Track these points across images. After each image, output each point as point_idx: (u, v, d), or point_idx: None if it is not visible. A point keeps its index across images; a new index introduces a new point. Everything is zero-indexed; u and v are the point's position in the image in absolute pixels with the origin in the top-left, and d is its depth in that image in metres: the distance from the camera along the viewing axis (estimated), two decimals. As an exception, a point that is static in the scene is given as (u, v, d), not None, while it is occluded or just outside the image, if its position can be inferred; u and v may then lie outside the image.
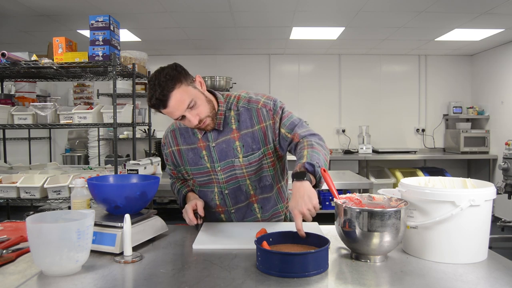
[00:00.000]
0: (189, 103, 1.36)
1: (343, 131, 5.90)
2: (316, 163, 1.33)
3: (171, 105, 1.34)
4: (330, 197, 4.81)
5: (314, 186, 1.34)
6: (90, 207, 1.47)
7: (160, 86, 1.32)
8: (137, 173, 3.25)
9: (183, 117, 1.39)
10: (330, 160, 5.28)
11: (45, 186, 2.87)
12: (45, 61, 2.90)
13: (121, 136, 5.41)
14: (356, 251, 1.18)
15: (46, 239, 1.05)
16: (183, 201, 1.64)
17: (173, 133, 1.62)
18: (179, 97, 1.34)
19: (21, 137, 5.25)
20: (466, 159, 5.81)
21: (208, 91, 1.53)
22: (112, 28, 2.89)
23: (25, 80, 3.90)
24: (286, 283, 1.01)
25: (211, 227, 1.52)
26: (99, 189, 1.33)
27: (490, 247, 1.22)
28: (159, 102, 1.34)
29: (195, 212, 1.49)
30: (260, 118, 1.50)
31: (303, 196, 1.25)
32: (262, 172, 1.56)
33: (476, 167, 5.79)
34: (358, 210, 1.14)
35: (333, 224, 1.27)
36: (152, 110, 1.71)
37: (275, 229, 1.34)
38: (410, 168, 5.51)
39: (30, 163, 4.24)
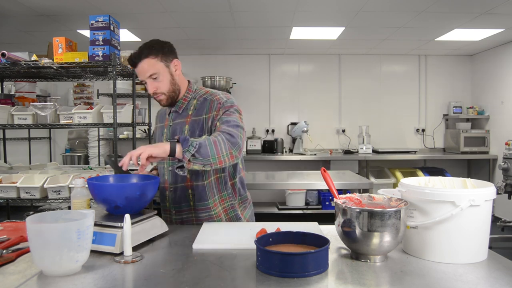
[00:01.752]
0: (151, 74, 1.58)
1: (343, 131, 5.90)
2: (192, 144, 1.38)
3: (138, 68, 1.59)
4: (330, 197, 4.81)
5: (179, 161, 1.40)
6: (90, 207, 1.47)
7: (140, 49, 1.58)
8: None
9: (146, 82, 1.61)
10: (330, 160, 5.17)
11: (45, 186, 2.86)
12: (45, 61, 2.90)
13: (121, 136, 5.41)
14: (356, 251, 1.18)
15: (46, 239, 1.05)
16: None
17: (157, 114, 1.87)
18: (145, 66, 1.57)
19: (21, 137, 5.25)
20: (466, 159, 5.81)
21: (188, 80, 1.75)
22: (112, 28, 2.89)
23: (25, 80, 3.90)
24: (286, 283, 1.01)
25: (211, 227, 1.52)
26: (99, 189, 1.33)
27: (490, 247, 1.22)
28: (131, 60, 1.59)
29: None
30: (211, 108, 1.63)
31: (151, 145, 1.41)
32: None
33: (476, 167, 5.79)
34: (358, 210, 1.14)
35: (333, 224, 1.27)
36: (152, 110, 1.81)
37: (275, 229, 1.34)
38: (410, 168, 5.51)
39: (30, 163, 4.24)
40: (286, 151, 5.65)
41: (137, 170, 1.56)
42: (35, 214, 1.14)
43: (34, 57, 2.99)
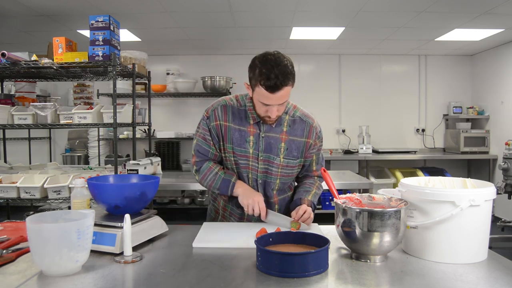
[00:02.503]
0: (285, 100, 1.51)
1: (343, 131, 5.90)
2: (313, 205, 1.65)
3: (278, 94, 1.45)
4: (330, 197, 4.81)
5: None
6: (90, 207, 1.47)
7: (283, 75, 1.43)
8: (137, 173, 3.25)
9: (268, 105, 1.49)
10: (330, 160, 5.21)
11: (45, 186, 2.86)
12: (45, 61, 2.90)
13: (121, 136, 5.41)
14: (356, 251, 1.18)
15: (46, 239, 1.05)
16: (231, 188, 1.61)
17: (224, 108, 1.64)
18: (285, 93, 1.47)
19: (21, 137, 5.24)
20: (466, 159, 5.81)
21: None
22: (112, 28, 2.89)
23: (25, 80, 3.90)
24: (286, 283, 1.01)
25: (211, 227, 1.52)
26: (99, 189, 1.33)
27: (490, 247, 1.22)
28: (274, 86, 1.42)
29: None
30: (310, 134, 1.66)
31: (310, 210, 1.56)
32: (290, 178, 1.70)
33: (476, 167, 5.79)
34: (358, 210, 1.14)
35: (333, 224, 1.27)
36: (152, 110, 1.77)
37: (275, 229, 1.34)
38: (410, 168, 5.51)
39: (30, 163, 4.24)
40: (286, 151, 5.64)
41: (137, 170, 1.56)
42: (35, 214, 1.14)
43: (34, 57, 2.99)
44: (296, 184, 1.81)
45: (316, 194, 1.68)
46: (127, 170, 3.31)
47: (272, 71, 1.41)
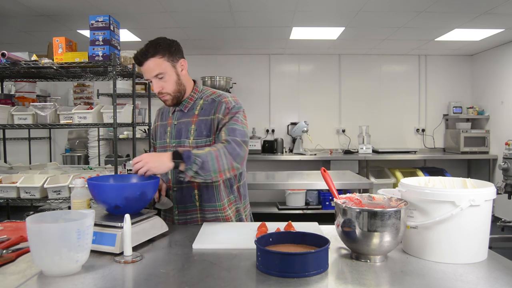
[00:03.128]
0: (157, 74, 1.56)
1: (343, 131, 5.90)
2: (195, 162, 1.43)
3: (144, 67, 1.57)
4: (330, 197, 4.81)
5: (181, 171, 1.44)
6: (90, 207, 1.47)
7: (146, 47, 1.55)
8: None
9: (151, 81, 1.59)
10: (330, 160, 5.18)
11: (45, 186, 2.86)
12: (45, 61, 2.90)
13: (121, 136, 5.41)
14: (356, 251, 1.18)
15: (46, 239, 1.05)
16: None
17: (158, 111, 1.84)
18: (151, 65, 1.55)
19: (21, 137, 5.24)
20: (466, 159, 5.81)
21: (193, 80, 1.73)
22: (112, 28, 2.89)
23: (25, 80, 3.90)
24: (286, 283, 1.01)
25: (211, 227, 1.52)
26: (99, 189, 1.33)
27: (490, 247, 1.22)
28: (137, 59, 1.57)
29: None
30: (218, 109, 1.62)
31: (154, 155, 1.46)
32: None
33: (476, 167, 5.79)
34: (358, 210, 1.14)
35: (333, 224, 1.27)
36: (152, 110, 1.81)
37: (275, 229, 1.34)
38: (410, 168, 5.51)
39: (30, 163, 4.24)
40: (286, 151, 5.65)
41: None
42: (35, 214, 1.14)
43: (34, 57, 2.99)
44: None
45: (209, 151, 1.47)
46: (127, 170, 3.31)
47: (143, 47, 1.56)
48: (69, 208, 1.64)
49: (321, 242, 1.15)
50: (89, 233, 1.11)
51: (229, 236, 1.40)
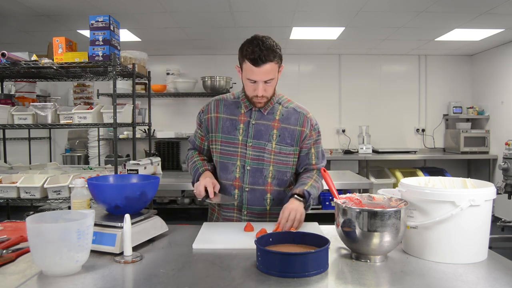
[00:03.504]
0: (269, 78, 1.55)
1: (343, 131, 5.90)
2: (311, 197, 1.60)
3: (261, 69, 1.51)
4: (330, 197, 4.81)
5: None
6: (90, 207, 1.47)
7: (267, 50, 1.50)
8: (137, 173, 3.25)
9: (255, 82, 1.55)
10: (330, 160, 5.21)
11: (45, 186, 2.86)
12: (45, 61, 2.90)
13: (121, 136, 5.41)
14: (356, 251, 1.18)
15: (46, 239, 1.05)
16: (198, 178, 1.66)
17: (217, 102, 1.73)
18: (269, 69, 1.52)
19: (21, 137, 5.24)
20: (466, 159, 5.81)
21: None
22: (112, 28, 2.89)
23: (25, 80, 3.90)
24: (286, 283, 1.01)
25: (211, 227, 1.52)
26: (99, 189, 1.33)
27: (490, 247, 1.22)
28: (258, 59, 1.49)
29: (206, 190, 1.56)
30: (304, 123, 1.67)
31: (295, 208, 1.51)
32: (286, 166, 1.67)
33: (476, 167, 5.79)
34: (358, 210, 1.14)
35: (333, 224, 1.27)
36: (152, 110, 1.78)
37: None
38: (410, 168, 5.50)
39: (30, 163, 4.24)
40: (286, 151, 5.63)
41: (137, 170, 1.56)
42: (35, 214, 1.14)
43: (34, 57, 2.99)
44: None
45: (313, 186, 1.63)
46: (127, 170, 3.31)
47: (257, 46, 1.50)
48: (69, 208, 1.64)
49: (321, 242, 1.15)
50: (89, 233, 1.11)
51: (229, 236, 1.40)
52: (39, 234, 1.06)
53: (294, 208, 1.49)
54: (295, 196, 1.56)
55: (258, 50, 1.49)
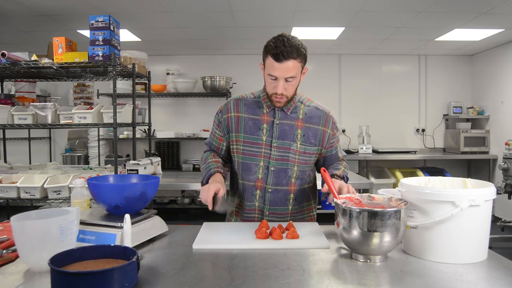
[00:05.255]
0: (291, 76, 1.51)
1: (343, 131, 5.90)
2: (347, 180, 1.66)
3: (283, 65, 1.48)
4: (330, 197, 4.80)
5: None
6: (90, 207, 1.47)
7: (291, 46, 1.47)
8: (137, 173, 3.25)
9: (276, 79, 1.52)
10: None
11: (45, 186, 2.86)
12: (45, 61, 2.90)
13: (121, 136, 5.41)
14: (356, 251, 1.18)
15: (29, 236, 1.06)
16: (208, 178, 1.62)
17: (236, 101, 1.70)
18: (291, 66, 1.49)
19: (21, 137, 5.24)
20: (466, 159, 5.81)
21: None
22: (112, 28, 2.89)
23: (25, 80, 3.89)
24: (286, 283, 1.01)
25: (211, 227, 1.52)
26: (99, 189, 1.33)
27: (490, 247, 1.22)
28: (280, 54, 1.47)
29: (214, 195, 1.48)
30: (327, 123, 1.68)
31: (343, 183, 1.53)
32: (309, 166, 1.68)
33: (476, 167, 5.79)
34: (358, 210, 1.14)
35: (333, 224, 1.27)
36: (152, 110, 1.77)
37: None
38: (410, 168, 5.51)
39: (30, 163, 4.24)
40: (286, 151, 5.64)
41: (137, 170, 1.56)
42: (20, 213, 1.13)
43: (34, 57, 2.99)
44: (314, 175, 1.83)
45: (345, 170, 1.68)
46: (127, 170, 3.31)
47: (282, 42, 1.48)
48: (69, 208, 1.64)
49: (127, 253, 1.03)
50: (73, 228, 1.12)
51: (229, 236, 1.40)
52: (23, 232, 1.07)
53: (341, 183, 1.52)
54: (335, 176, 1.61)
55: (282, 46, 1.47)
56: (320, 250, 1.27)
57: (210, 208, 1.47)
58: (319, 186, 1.70)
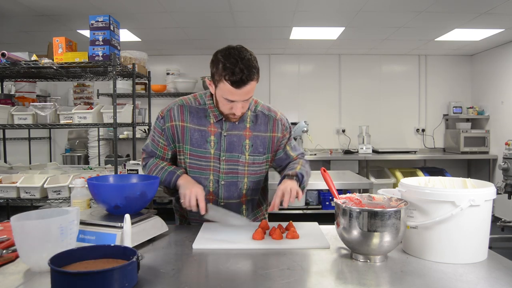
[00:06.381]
0: (250, 96, 1.45)
1: (343, 131, 5.90)
2: (303, 178, 1.56)
3: (243, 90, 1.39)
4: (330, 197, 4.81)
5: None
6: (90, 207, 1.47)
7: (247, 68, 1.37)
8: (137, 173, 3.25)
9: (233, 102, 1.43)
10: (330, 160, 5.21)
11: (45, 186, 2.87)
12: (45, 61, 2.90)
13: (121, 136, 5.41)
14: (356, 251, 1.18)
15: (29, 236, 1.06)
16: (175, 179, 1.53)
17: (181, 108, 1.57)
18: (250, 88, 1.41)
19: (21, 137, 5.24)
20: (466, 159, 5.81)
21: None
22: (112, 28, 2.89)
23: (25, 80, 3.90)
24: (286, 283, 1.01)
25: (211, 227, 1.52)
26: (99, 189, 1.33)
27: (490, 247, 1.22)
28: (240, 81, 1.36)
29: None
30: (274, 127, 1.61)
31: (289, 184, 1.46)
32: (260, 175, 1.65)
33: (476, 167, 5.79)
34: (358, 210, 1.14)
35: (333, 224, 1.27)
36: (152, 110, 1.74)
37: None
38: (410, 168, 5.50)
39: (30, 163, 4.24)
40: (286, 151, 5.64)
41: (137, 170, 1.55)
42: (20, 213, 1.13)
43: (34, 57, 2.99)
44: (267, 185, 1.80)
45: (303, 168, 1.57)
46: (127, 170, 3.31)
47: (237, 65, 1.36)
48: (69, 208, 1.64)
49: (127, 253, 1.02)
50: (73, 228, 1.12)
51: (229, 236, 1.40)
52: (23, 232, 1.07)
53: (285, 185, 1.45)
54: (286, 176, 1.51)
55: (240, 72, 1.35)
56: (320, 250, 1.27)
57: (202, 212, 1.43)
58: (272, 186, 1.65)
